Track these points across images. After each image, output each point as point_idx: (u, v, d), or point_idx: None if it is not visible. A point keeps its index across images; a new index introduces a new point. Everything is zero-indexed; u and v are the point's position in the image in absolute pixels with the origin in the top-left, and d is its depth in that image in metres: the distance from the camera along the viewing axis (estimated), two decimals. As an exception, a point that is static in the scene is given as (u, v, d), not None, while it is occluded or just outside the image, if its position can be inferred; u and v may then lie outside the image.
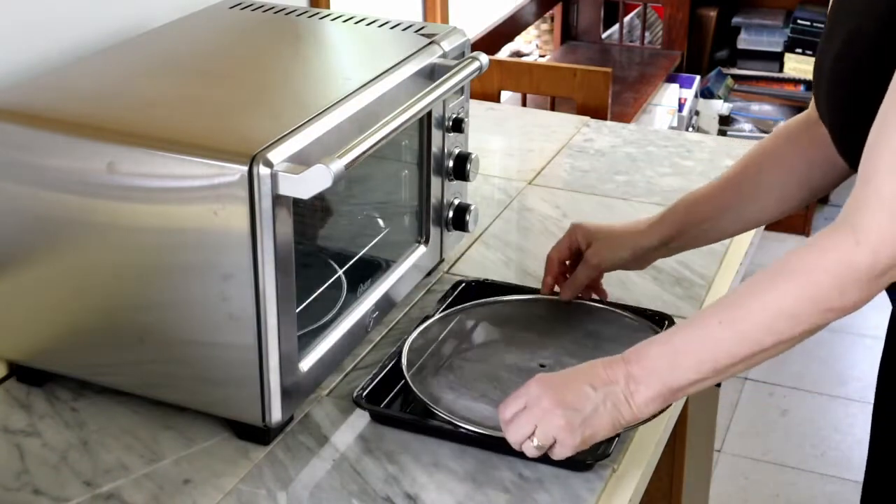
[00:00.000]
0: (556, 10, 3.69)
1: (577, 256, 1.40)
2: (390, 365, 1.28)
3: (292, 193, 1.09)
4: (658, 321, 1.38)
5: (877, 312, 1.50)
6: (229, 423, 1.22)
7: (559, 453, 1.11)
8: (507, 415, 1.12)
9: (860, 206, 1.00)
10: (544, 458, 1.17)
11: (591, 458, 1.16)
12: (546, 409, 1.09)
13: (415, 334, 1.33)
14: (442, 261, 1.55)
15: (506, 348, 1.34)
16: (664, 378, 1.07)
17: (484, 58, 1.40)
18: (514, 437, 1.12)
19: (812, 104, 1.28)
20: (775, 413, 2.98)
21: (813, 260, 1.02)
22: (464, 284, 1.48)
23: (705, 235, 1.36)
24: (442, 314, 1.39)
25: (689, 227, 1.34)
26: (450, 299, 1.43)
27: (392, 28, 1.47)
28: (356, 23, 1.49)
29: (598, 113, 2.39)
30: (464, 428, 1.18)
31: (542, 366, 1.29)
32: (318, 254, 1.36)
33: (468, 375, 1.28)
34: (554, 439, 1.10)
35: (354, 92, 1.24)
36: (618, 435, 1.18)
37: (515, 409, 1.12)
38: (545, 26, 3.76)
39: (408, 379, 1.25)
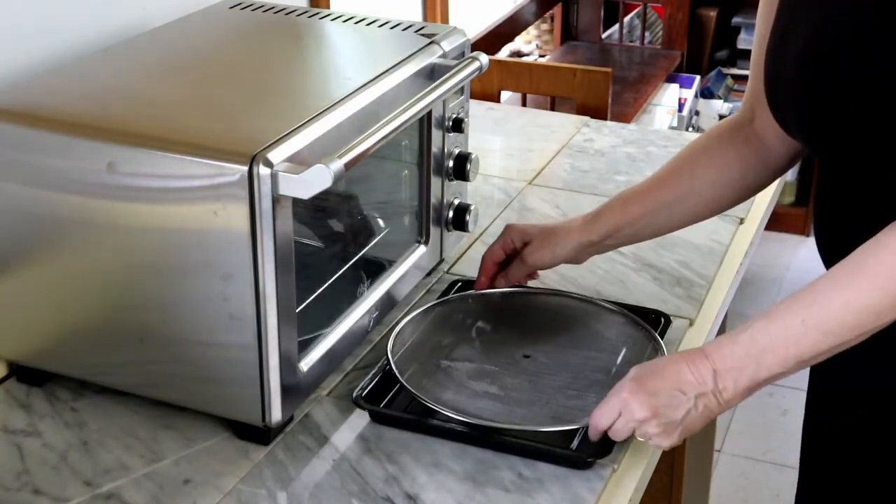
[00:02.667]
0: (556, 10, 3.69)
1: (511, 257, 1.42)
2: (388, 365, 1.28)
3: (292, 193, 1.09)
4: (658, 321, 1.38)
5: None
6: (229, 423, 1.22)
7: (657, 446, 1.17)
8: (602, 424, 1.15)
9: None
10: (544, 458, 1.18)
11: (591, 457, 1.16)
12: (641, 419, 1.13)
13: (395, 333, 1.33)
14: (442, 261, 1.55)
15: (497, 341, 1.35)
16: (751, 375, 1.10)
17: (484, 58, 1.40)
18: (616, 438, 1.16)
19: (745, 106, 1.31)
20: (775, 413, 2.98)
21: (890, 261, 1.05)
22: (460, 284, 1.48)
23: (640, 233, 1.38)
24: (421, 310, 1.39)
25: (625, 224, 1.36)
26: (444, 299, 1.43)
27: (392, 28, 1.47)
28: (356, 23, 1.49)
29: (598, 113, 2.39)
30: (466, 422, 1.19)
31: (526, 356, 1.31)
32: (319, 254, 1.36)
33: (461, 373, 1.28)
34: (650, 439, 1.15)
35: (354, 92, 1.24)
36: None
37: (611, 418, 1.15)
38: (545, 26, 3.76)
39: (403, 382, 1.25)
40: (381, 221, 1.45)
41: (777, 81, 1.17)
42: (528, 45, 3.67)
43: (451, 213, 1.51)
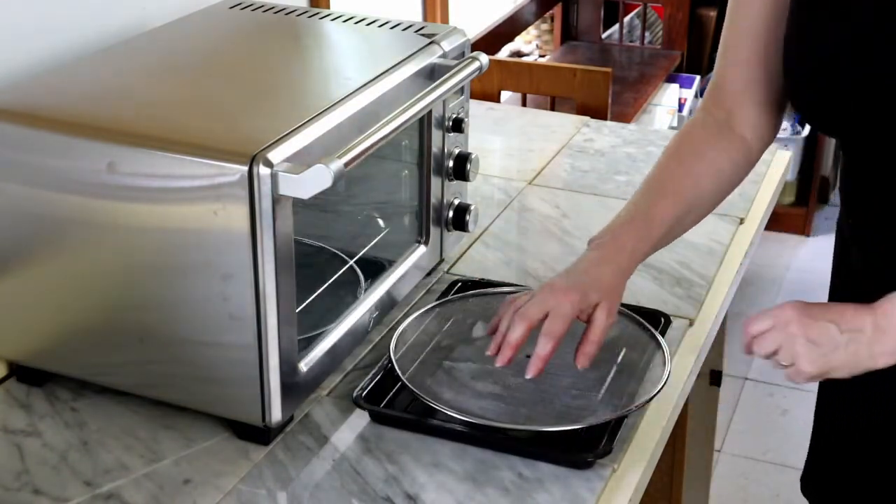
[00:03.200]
0: (556, 10, 3.69)
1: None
2: (390, 365, 1.28)
3: (292, 193, 1.09)
4: (658, 321, 1.38)
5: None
6: (229, 423, 1.22)
7: (794, 377, 1.15)
8: (753, 330, 1.15)
9: None
10: (544, 458, 1.17)
11: (592, 457, 1.16)
12: (791, 334, 1.12)
13: (398, 333, 1.33)
14: (442, 261, 1.55)
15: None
16: None
17: (484, 58, 1.40)
18: (758, 351, 1.16)
19: (716, 107, 1.31)
20: (775, 413, 2.98)
21: None
22: (460, 284, 1.48)
23: (658, 247, 1.33)
24: (422, 310, 1.38)
25: (658, 244, 1.31)
26: (445, 299, 1.43)
27: (392, 28, 1.47)
28: (356, 23, 1.49)
29: (598, 113, 2.39)
30: (466, 422, 1.19)
31: (528, 356, 1.30)
32: (319, 254, 1.36)
33: (463, 373, 1.28)
34: (793, 362, 1.13)
35: (354, 92, 1.24)
36: (617, 434, 1.18)
37: (762, 328, 1.15)
38: (545, 26, 3.76)
39: (405, 381, 1.25)
40: (381, 221, 1.45)
41: (816, 78, 1.17)
42: (528, 45, 3.67)
43: (451, 213, 1.51)
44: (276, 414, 1.18)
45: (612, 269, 1.23)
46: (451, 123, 1.45)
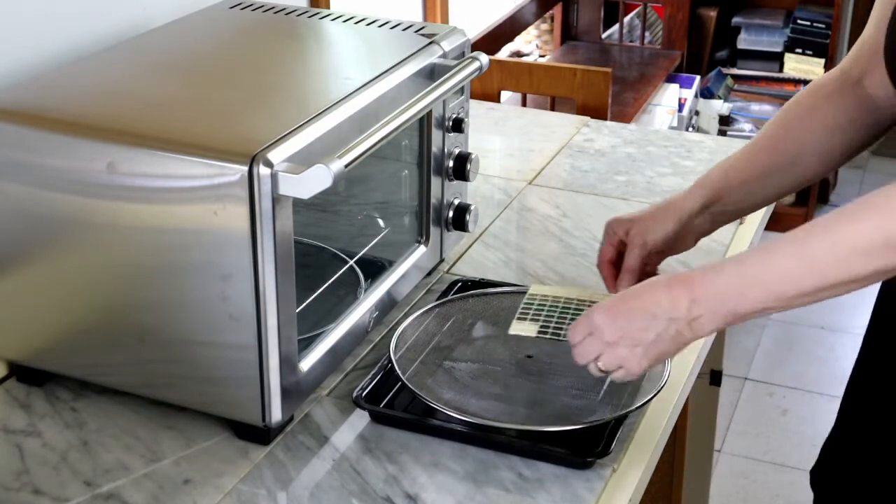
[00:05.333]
0: (556, 10, 3.69)
1: (623, 251, 1.33)
2: (390, 365, 1.28)
3: (292, 193, 1.09)
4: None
5: (877, 312, 1.50)
6: (229, 423, 1.22)
7: (625, 378, 1.12)
8: (574, 339, 1.14)
9: None
10: (544, 458, 1.17)
11: (592, 457, 1.16)
12: (608, 341, 1.10)
13: (398, 333, 1.33)
14: (442, 261, 1.55)
15: (495, 341, 1.35)
16: (729, 306, 1.05)
17: (484, 58, 1.40)
18: (580, 359, 1.14)
19: (852, 63, 1.26)
20: (775, 413, 2.98)
21: (894, 195, 0.98)
22: (460, 284, 1.48)
23: (747, 199, 1.31)
24: (422, 310, 1.38)
25: (729, 189, 1.30)
26: (445, 299, 1.44)
27: (392, 28, 1.47)
28: (356, 23, 1.49)
29: (598, 113, 2.39)
30: (467, 422, 1.19)
31: (528, 356, 1.30)
32: (319, 254, 1.36)
33: (463, 373, 1.28)
34: (620, 366, 1.11)
35: (354, 92, 1.24)
36: (617, 434, 1.18)
37: (581, 335, 1.13)
38: (545, 26, 3.76)
39: (405, 382, 1.25)
40: (380, 221, 1.45)
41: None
42: (528, 45, 3.67)
43: (451, 213, 1.51)
44: (276, 414, 1.18)
45: (664, 204, 1.31)
46: (451, 123, 1.45)
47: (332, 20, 1.50)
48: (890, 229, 0.97)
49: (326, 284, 1.31)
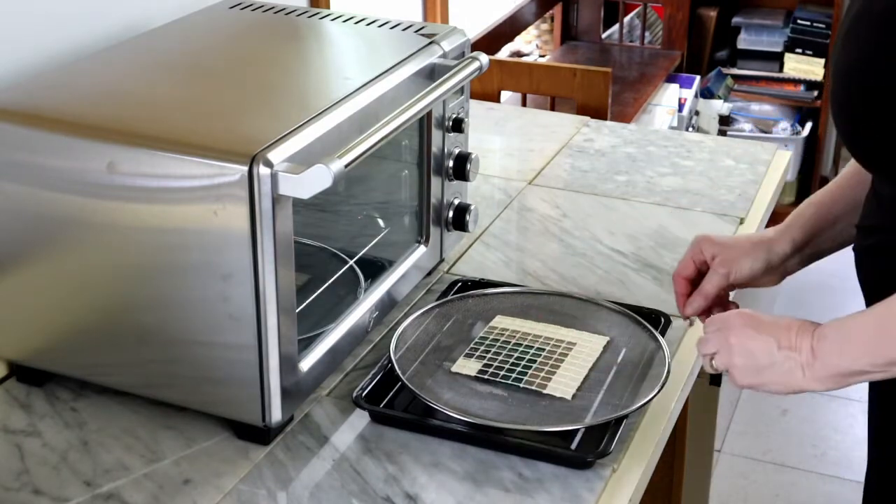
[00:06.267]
0: (556, 10, 3.69)
1: (703, 273, 1.31)
2: (390, 365, 1.28)
3: (292, 193, 1.09)
4: (658, 321, 1.38)
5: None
6: (229, 423, 1.22)
7: (730, 381, 1.16)
8: (707, 329, 1.18)
9: None
10: (544, 458, 1.18)
11: (592, 457, 1.16)
12: (730, 344, 1.13)
13: (398, 333, 1.33)
14: (442, 261, 1.55)
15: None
16: (839, 363, 1.07)
17: (484, 58, 1.40)
18: (700, 350, 1.18)
19: None
20: (775, 413, 2.98)
21: None
22: (460, 284, 1.48)
23: (840, 236, 1.30)
24: (422, 310, 1.38)
25: (821, 229, 1.29)
26: (445, 299, 1.44)
27: (392, 28, 1.47)
28: (356, 23, 1.49)
29: (598, 113, 2.39)
30: (466, 421, 1.19)
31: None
32: (319, 254, 1.36)
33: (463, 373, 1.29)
34: (728, 370, 1.14)
35: (354, 92, 1.24)
36: (617, 434, 1.18)
37: (714, 327, 1.16)
38: (545, 26, 3.76)
39: (405, 381, 1.25)
40: (380, 221, 1.45)
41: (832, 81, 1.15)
42: (528, 45, 3.67)
43: (451, 213, 1.51)
44: (276, 414, 1.18)
45: (757, 238, 1.32)
46: (451, 123, 1.45)
47: (332, 20, 1.50)
48: None
49: (326, 284, 1.31)
